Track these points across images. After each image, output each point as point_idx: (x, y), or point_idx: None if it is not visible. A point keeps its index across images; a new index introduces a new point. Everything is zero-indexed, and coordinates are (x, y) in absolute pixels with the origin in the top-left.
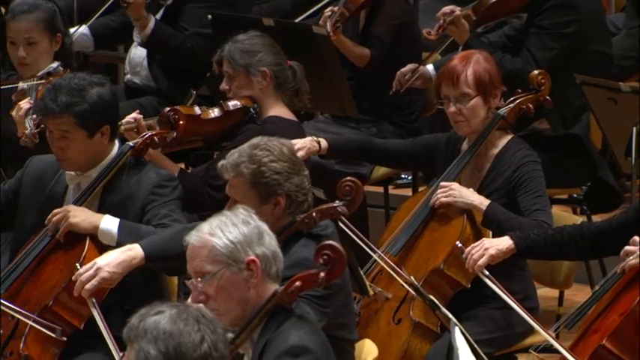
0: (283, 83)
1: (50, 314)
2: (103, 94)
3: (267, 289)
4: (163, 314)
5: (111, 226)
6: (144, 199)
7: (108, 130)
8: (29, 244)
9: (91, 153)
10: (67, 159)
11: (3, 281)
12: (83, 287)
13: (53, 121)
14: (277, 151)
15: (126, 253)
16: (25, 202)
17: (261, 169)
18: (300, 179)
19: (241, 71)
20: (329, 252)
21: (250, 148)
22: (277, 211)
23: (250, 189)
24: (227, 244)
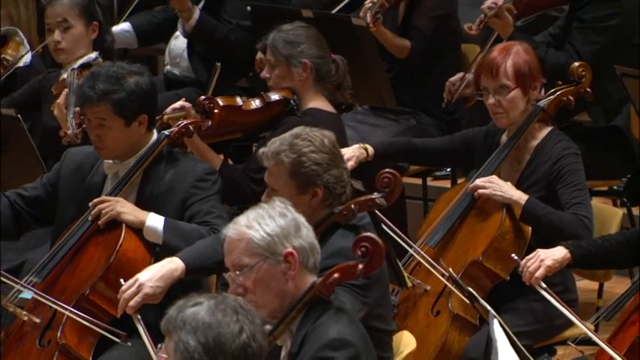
0: (325, 77)
1: (87, 303)
2: (140, 83)
3: (304, 281)
4: (202, 305)
5: (157, 223)
6: (185, 192)
7: (145, 120)
8: (67, 233)
9: (128, 141)
10: (104, 147)
11: (41, 270)
12: (127, 304)
13: (91, 109)
14: (318, 142)
15: (167, 267)
16: (65, 194)
17: (301, 159)
18: (340, 172)
19: (282, 61)
20: (367, 244)
21: (292, 137)
22: (314, 202)
23: (289, 178)
24: (264, 237)
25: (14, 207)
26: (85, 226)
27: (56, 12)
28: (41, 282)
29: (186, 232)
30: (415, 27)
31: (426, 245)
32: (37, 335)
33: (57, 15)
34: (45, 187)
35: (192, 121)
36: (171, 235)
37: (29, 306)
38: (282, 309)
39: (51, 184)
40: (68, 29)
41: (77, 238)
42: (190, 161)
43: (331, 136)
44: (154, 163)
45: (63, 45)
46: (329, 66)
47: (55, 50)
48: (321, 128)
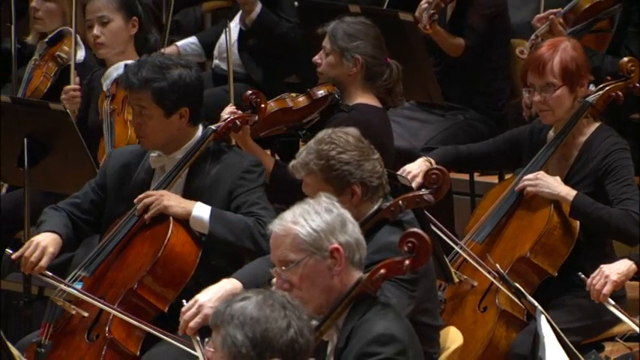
0: (375, 77)
1: (135, 297)
2: (184, 75)
3: (350, 276)
4: (249, 300)
5: (203, 213)
6: (231, 184)
7: (187, 113)
8: (114, 228)
9: (168, 133)
10: (144, 136)
11: (89, 264)
12: (187, 325)
13: (132, 95)
14: (342, 142)
15: (225, 287)
16: (113, 194)
17: (330, 163)
18: (372, 164)
19: (336, 51)
20: (414, 239)
21: (316, 144)
22: (355, 199)
23: (325, 184)
24: (310, 233)
25: (72, 218)
26: (132, 221)
27: (95, 7)
28: (89, 276)
29: (231, 221)
30: (469, 25)
31: (473, 241)
32: (86, 329)
33: (96, 10)
34: (95, 192)
35: (239, 116)
36: (218, 225)
37: (77, 300)
38: (328, 304)
39: (100, 187)
40: (107, 24)
41: (124, 233)
42: (236, 154)
43: (354, 132)
44: (201, 157)
45: (102, 39)
46: (381, 68)
47: (94, 45)
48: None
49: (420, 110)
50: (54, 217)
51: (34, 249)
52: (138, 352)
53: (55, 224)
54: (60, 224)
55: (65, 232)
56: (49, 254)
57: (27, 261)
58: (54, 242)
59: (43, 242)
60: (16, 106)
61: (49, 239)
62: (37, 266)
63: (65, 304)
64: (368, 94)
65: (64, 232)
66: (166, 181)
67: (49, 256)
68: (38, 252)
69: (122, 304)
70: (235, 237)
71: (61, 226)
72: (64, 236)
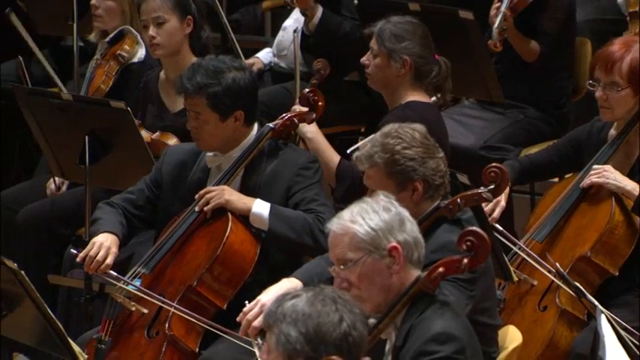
0: (423, 76)
1: (194, 295)
2: (239, 79)
3: (409, 275)
4: (300, 297)
5: (262, 210)
6: (289, 181)
7: (242, 116)
8: (173, 225)
9: (224, 136)
10: (200, 138)
11: (149, 261)
12: (250, 325)
13: (187, 101)
14: (409, 137)
15: (286, 287)
16: (168, 191)
17: (395, 157)
18: (436, 162)
19: (384, 52)
20: (472, 238)
21: (382, 137)
22: (416, 196)
23: (386, 178)
24: (368, 231)
25: (125, 214)
26: (192, 217)
27: (150, 8)
28: (149, 273)
29: (291, 218)
30: (542, 31)
31: (533, 240)
32: (146, 326)
33: (151, 11)
34: (150, 188)
35: (297, 114)
36: (277, 221)
37: (137, 297)
38: (387, 303)
39: (155, 184)
40: (162, 24)
41: (184, 230)
42: (292, 151)
43: (421, 128)
44: (257, 154)
45: (158, 40)
46: (430, 67)
47: (151, 46)
48: (421, 120)
49: (479, 108)
50: (110, 215)
51: (99, 249)
52: (197, 349)
53: (113, 224)
54: (117, 223)
55: (121, 230)
56: (113, 254)
57: (92, 260)
58: (115, 242)
59: (107, 242)
60: (78, 104)
61: (110, 239)
62: (102, 265)
63: (125, 301)
64: (418, 92)
65: (120, 232)
66: (223, 179)
67: (113, 256)
68: (103, 252)
69: (181, 301)
70: (295, 234)
71: (118, 225)
72: (121, 236)
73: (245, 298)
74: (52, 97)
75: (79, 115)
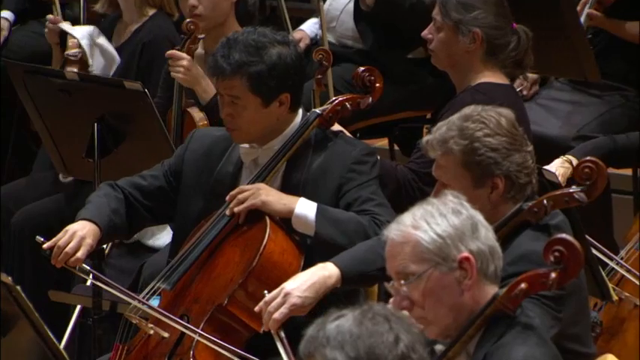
0: (499, 51)
1: (225, 315)
2: (285, 55)
3: (484, 291)
4: (345, 317)
5: (308, 211)
6: (340, 178)
7: (288, 99)
8: (198, 232)
9: (265, 124)
10: (236, 128)
11: (170, 274)
12: (271, 318)
13: (223, 83)
14: (494, 123)
15: (318, 274)
16: (189, 185)
17: (474, 146)
18: (523, 156)
19: (450, 25)
20: (562, 248)
21: (461, 120)
22: (495, 196)
23: (461, 169)
24: (435, 239)
25: (129, 200)
26: (222, 223)
27: None
28: (170, 289)
29: (342, 221)
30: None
31: (637, 251)
32: (166, 354)
33: None
34: (167, 177)
35: (349, 97)
36: (326, 224)
37: (156, 317)
38: (457, 326)
39: (173, 173)
40: None
41: (212, 238)
42: (344, 142)
43: (509, 114)
44: (302, 146)
45: (200, 10)
46: (506, 39)
47: (191, 17)
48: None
49: (571, 90)
50: (102, 200)
51: (70, 238)
52: None
53: (99, 212)
54: (105, 211)
55: (107, 221)
56: (86, 246)
57: (60, 251)
58: (92, 233)
59: (81, 231)
60: (85, 85)
61: (87, 229)
62: (72, 258)
63: (141, 323)
64: (492, 71)
65: (105, 222)
66: (261, 176)
67: (87, 248)
68: (75, 242)
69: (209, 324)
70: (347, 239)
71: (105, 215)
72: (103, 226)
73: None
74: (54, 76)
75: (87, 98)
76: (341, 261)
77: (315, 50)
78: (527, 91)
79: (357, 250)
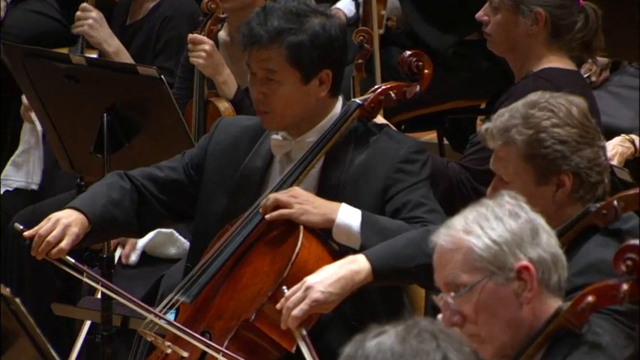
0: (564, 31)
1: (252, 332)
2: (328, 27)
3: (545, 305)
4: (387, 334)
5: (351, 220)
6: (386, 179)
7: (329, 78)
8: (222, 238)
9: (302, 106)
10: (270, 110)
11: (190, 286)
12: (290, 314)
13: (257, 55)
14: (564, 112)
15: (346, 267)
16: (212, 179)
17: (540, 137)
18: (595, 152)
19: (508, 5)
20: (635, 256)
21: (526, 106)
22: (561, 195)
23: (524, 163)
24: (489, 246)
25: (141, 192)
26: (249, 228)
27: None
28: (190, 302)
29: (392, 230)
30: None
31: None
32: None
33: None
34: (186, 169)
35: (394, 85)
36: (373, 236)
37: (172, 335)
38: (515, 344)
39: (194, 166)
40: None
41: (238, 244)
42: (389, 138)
43: (581, 103)
44: (341, 141)
45: None
46: (572, 19)
47: None
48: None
49: None
50: (101, 189)
51: (53, 226)
52: None
53: (93, 201)
54: (100, 201)
55: (101, 213)
56: (71, 235)
57: (42, 240)
58: (80, 222)
59: (66, 219)
60: (93, 70)
61: (74, 217)
62: (54, 249)
63: (157, 340)
64: (557, 55)
65: (97, 213)
66: (294, 173)
67: (72, 238)
68: (58, 230)
69: (234, 342)
70: None
71: (100, 205)
72: (94, 217)
73: (321, 337)
74: (59, 60)
75: (96, 86)
76: (373, 254)
77: (355, 31)
78: (597, 78)
79: (395, 243)
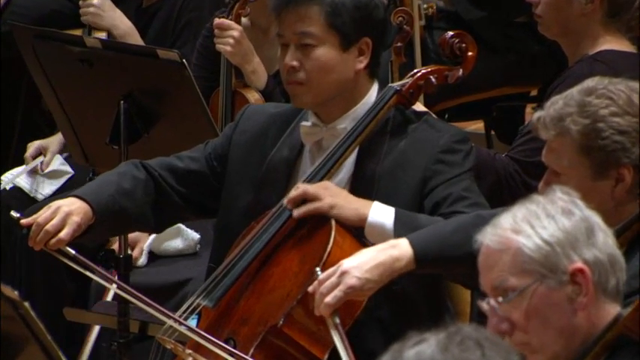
0: (623, 11)
1: (280, 339)
2: None
3: (602, 311)
4: (427, 342)
5: (384, 218)
6: (425, 171)
7: (369, 48)
8: (248, 237)
9: (339, 78)
10: (305, 81)
11: (212, 288)
12: (323, 301)
13: (293, 15)
14: (623, 100)
15: (386, 253)
16: (237, 171)
17: (598, 126)
18: None
19: None
20: None
21: (582, 93)
22: (620, 190)
23: (579, 155)
24: (540, 246)
25: (158, 183)
26: (277, 225)
27: None
28: (213, 307)
29: None
30: None
31: None
32: None
33: None
34: (209, 160)
35: (435, 69)
36: (406, 234)
37: (194, 342)
38: (568, 354)
39: (218, 156)
40: None
41: (265, 243)
42: (428, 126)
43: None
44: (377, 130)
45: None
46: None
47: None
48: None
49: None
50: (109, 178)
51: (53, 214)
52: None
53: (99, 190)
54: (107, 190)
55: (107, 203)
56: (72, 225)
57: (40, 229)
58: (82, 212)
59: (67, 207)
60: (109, 53)
61: (76, 206)
62: (53, 239)
63: (177, 348)
64: (614, 36)
65: (101, 203)
66: (326, 165)
67: (73, 227)
68: (58, 219)
69: (260, 350)
70: None
71: (104, 195)
72: (99, 207)
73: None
74: (71, 43)
75: (112, 71)
76: (418, 239)
77: (394, 11)
78: None
79: (443, 227)
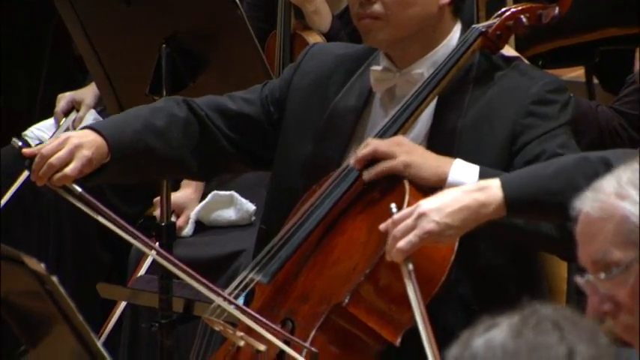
0: None
1: (345, 320)
2: None
3: None
4: (498, 328)
5: (467, 177)
6: (514, 124)
7: None
8: (309, 202)
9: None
10: (381, 14)
11: (267, 262)
12: (395, 245)
13: None
14: None
15: (472, 196)
16: (295, 119)
17: None
18: None
19: None
20: None
21: None
22: None
23: None
24: None
25: (204, 124)
26: (342, 188)
27: None
28: (268, 282)
29: None
30: None
31: None
32: None
33: None
34: (265, 103)
35: (526, 7)
36: None
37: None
38: None
39: (276, 100)
40: None
41: (328, 209)
42: (518, 73)
43: None
44: (459, 77)
45: None
46: None
47: None
48: None
49: None
50: (138, 113)
51: (60, 146)
52: None
53: (123, 124)
54: (133, 125)
55: (131, 140)
56: (81, 158)
57: (43, 161)
58: (94, 145)
59: (77, 139)
60: None
61: (90, 139)
62: (59, 174)
63: (227, 330)
64: None
65: (120, 139)
66: (400, 118)
67: (82, 162)
68: (65, 151)
69: (323, 332)
70: None
71: (127, 130)
72: (113, 144)
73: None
74: None
75: (152, 10)
76: (510, 182)
77: None
78: None
79: (541, 170)
